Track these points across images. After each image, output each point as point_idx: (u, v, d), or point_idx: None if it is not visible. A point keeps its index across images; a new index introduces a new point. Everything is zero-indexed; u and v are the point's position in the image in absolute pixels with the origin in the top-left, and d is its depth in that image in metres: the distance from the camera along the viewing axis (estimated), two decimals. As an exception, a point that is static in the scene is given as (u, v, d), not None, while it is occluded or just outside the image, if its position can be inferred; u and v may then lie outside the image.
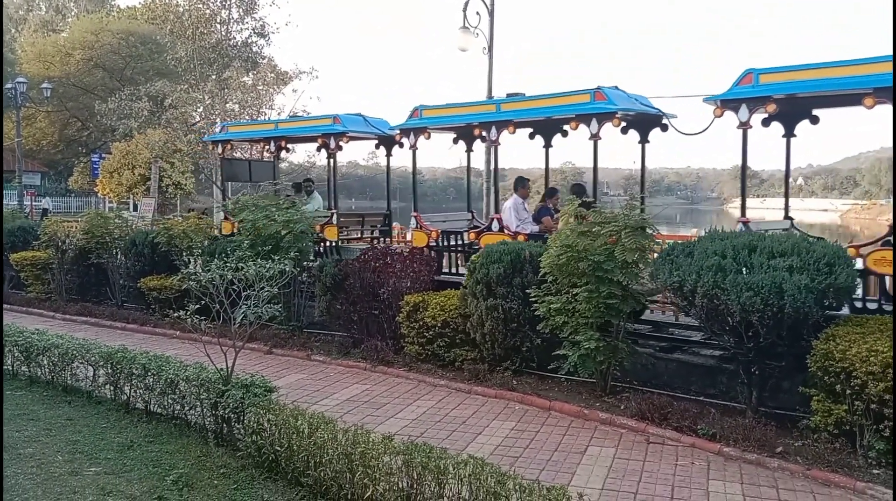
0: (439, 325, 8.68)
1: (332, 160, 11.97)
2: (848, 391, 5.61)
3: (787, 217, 9.43)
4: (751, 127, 7.59)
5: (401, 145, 11.61)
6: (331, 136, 11.51)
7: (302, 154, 27.95)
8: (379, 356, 9.07)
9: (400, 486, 4.57)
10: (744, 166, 8.27)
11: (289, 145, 14.30)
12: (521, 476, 4.29)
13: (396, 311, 9.23)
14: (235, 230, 11.86)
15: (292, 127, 13.19)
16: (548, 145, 11.43)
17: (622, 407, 7.03)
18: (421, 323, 8.85)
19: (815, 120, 8.68)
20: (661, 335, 8.71)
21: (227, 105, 27.64)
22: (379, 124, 12.25)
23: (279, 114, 26.67)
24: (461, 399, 7.64)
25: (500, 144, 10.04)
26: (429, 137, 10.90)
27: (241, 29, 38.48)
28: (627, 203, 7.88)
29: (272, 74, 27.20)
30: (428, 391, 7.95)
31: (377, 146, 13.49)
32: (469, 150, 12.15)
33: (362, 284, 9.65)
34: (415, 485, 4.52)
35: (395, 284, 9.53)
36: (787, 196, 10.53)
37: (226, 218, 13.09)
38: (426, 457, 4.50)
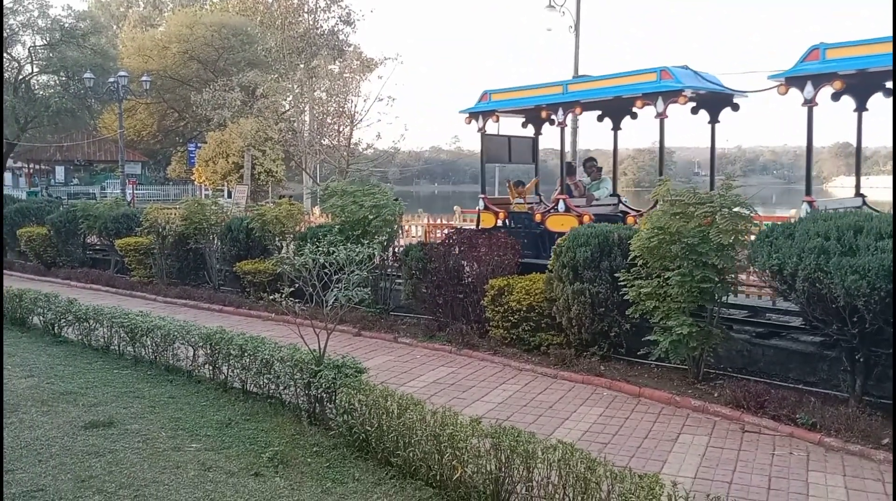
0: (524, 309, 8.64)
1: (662, 129, 9.60)
2: (965, 382, 5.25)
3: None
4: (816, 104, 7.43)
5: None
6: (658, 96, 8.90)
7: (387, 140, 28.31)
8: (464, 340, 9.12)
9: (488, 469, 4.58)
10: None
11: (572, 113, 10.72)
12: (611, 462, 4.23)
13: (481, 295, 9.24)
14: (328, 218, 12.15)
15: (594, 88, 10.00)
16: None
17: (716, 395, 6.82)
18: (506, 307, 8.83)
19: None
20: (758, 320, 8.38)
21: (316, 93, 28.27)
22: (712, 79, 9.58)
23: (365, 100, 27.05)
24: (547, 384, 7.60)
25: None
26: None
27: (328, 17, 39.16)
28: (723, 183, 7.60)
29: (358, 62, 27.57)
30: (513, 375, 7.94)
31: (733, 109, 9.86)
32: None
33: (447, 268, 9.71)
34: (503, 468, 4.52)
35: (480, 268, 9.54)
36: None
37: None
38: (514, 441, 4.50)
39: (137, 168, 46.17)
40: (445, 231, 12.25)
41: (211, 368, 7.43)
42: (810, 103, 7.39)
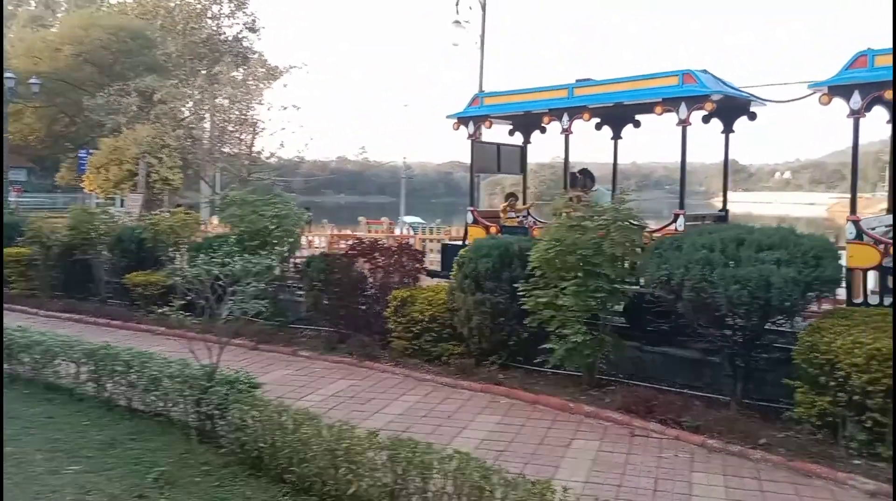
0: (427, 320, 8.66)
1: (684, 138, 8.36)
2: (832, 383, 5.62)
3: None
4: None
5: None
6: (681, 101, 8.14)
7: (291, 149, 27.79)
8: (365, 351, 9.04)
9: (384, 482, 4.54)
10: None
11: (580, 119, 9.28)
12: (505, 469, 4.27)
13: (384, 306, 9.20)
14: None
15: (605, 92, 9.00)
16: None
17: (607, 400, 7.04)
18: (408, 318, 8.82)
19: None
20: (648, 327, 8.71)
21: (217, 100, 27.48)
22: (731, 85, 8.86)
23: (269, 108, 26.54)
24: (447, 394, 7.63)
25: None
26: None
27: (232, 24, 38.14)
28: (617, 197, 7.91)
29: (262, 69, 27.04)
30: (414, 386, 7.93)
31: (750, 118, 9.28)
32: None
33: (350, 279, 9.61)
34: (399, 480, 4.49)
35: (384, 279, 9.51)
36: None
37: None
38: (411, 452, 4.48)
39: (22, 175, 43.50)
40: (349, 242, 12.15)
41: (95, 385, 7.03)
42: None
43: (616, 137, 10.48)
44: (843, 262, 7.15)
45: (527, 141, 11.22)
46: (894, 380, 5.30)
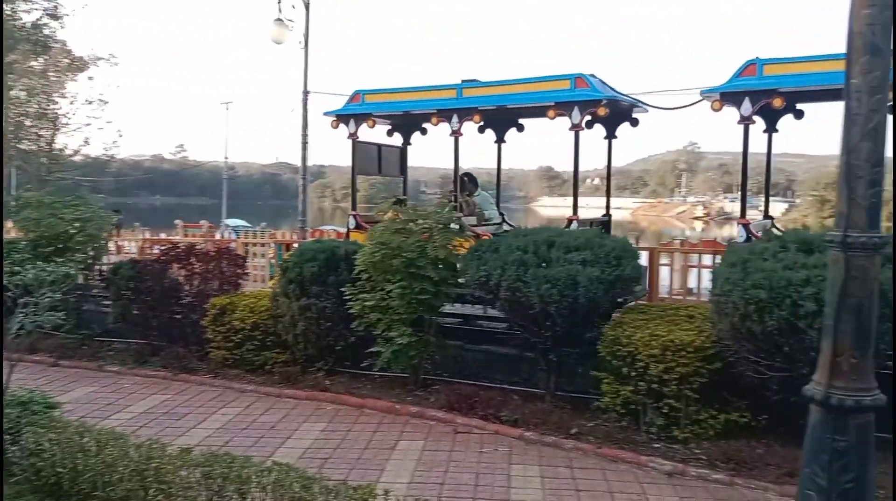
0: (248, 328, 8.36)
1: (577, 142, 8.22)
2: (633, 373, 6.10)
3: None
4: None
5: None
6: (574, 105, 7.97)
7: (98, 146, 25.73)
8: (181, 364, 8.55)
9: (199, 500, 4.30)
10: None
11: (470, 121, 8.89)
12: (328, 477, 4.21)
13: (202, 315, 8.75)
14: None
15: (497, 94, 8.76)
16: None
17: (432, 400, 7.18)
18: (228, 327, 8.46)
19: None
20: (471, 327, 8.99)
21: (13, 92, 24.77)
22: (616, 90, 8.73)
23: (72, 102, 24.38)
24: (270, 404, 7.40)
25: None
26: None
27: (31, 9, 34.56)
28: (439, 201, 8.09)
29: (66, 60, 24.74)
30: (235, 398, 7.61)
31: (632, 124, 9.31)
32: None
33: (162, 287, 9.04)
34: (215, 498, 4.27)
35: (201, 286, 9.04)
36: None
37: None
38: (227, 468, 4.27)
39: None
40: (163, 246, 11.41)
41: None
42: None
43: (499, 140, 10.39)
44: (643, 262, 7.83)
45: (407, 142, 10.82)
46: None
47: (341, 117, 9.47)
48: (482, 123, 9.48)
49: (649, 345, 6.02)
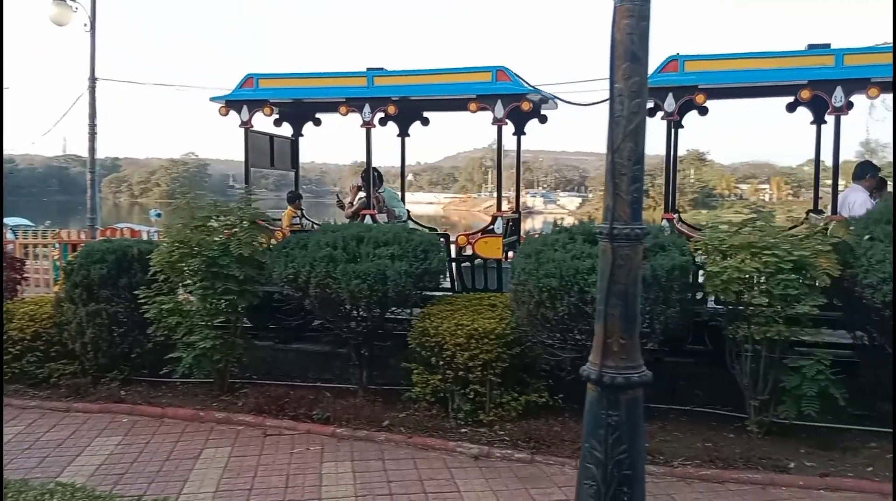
0: (29, 338, 7.58)
1: (500, 136, 7.91)
2: (441, 362, 6.29)
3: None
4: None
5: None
6: (497, 98, 7.58)
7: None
8: (-54, 382, 7.54)
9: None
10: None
11: (383, 112, 8.40)
12: (123, 494, 3.93)
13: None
14: None
15: (412, 84, 8.17)
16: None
17: (240, 404, 6.92)
18: (6, 337, 7.59)
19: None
20: (282, 326, 8.79)
21: None
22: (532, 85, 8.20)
23: None
24: (57, 420, 6.74)
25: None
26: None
27: None
28: (241, 197, 7.81)
29: None
30: (14, 416, 6.84)
31: (541, 121, 9.07)
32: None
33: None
34: (-15, 531, 3.83)
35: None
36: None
37: None
38: (-1, 495, 3.85)
39: None
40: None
41: None
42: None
43: (403, 134, 9.84)
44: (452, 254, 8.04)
45: (298, 133, 9.95)
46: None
47: (232, 104, 8.47)
48: (387, 115, 8.98)
49: (455, 334, 6.23)
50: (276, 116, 9.12)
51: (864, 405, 5.90)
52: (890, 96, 6.80)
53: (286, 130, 9.71)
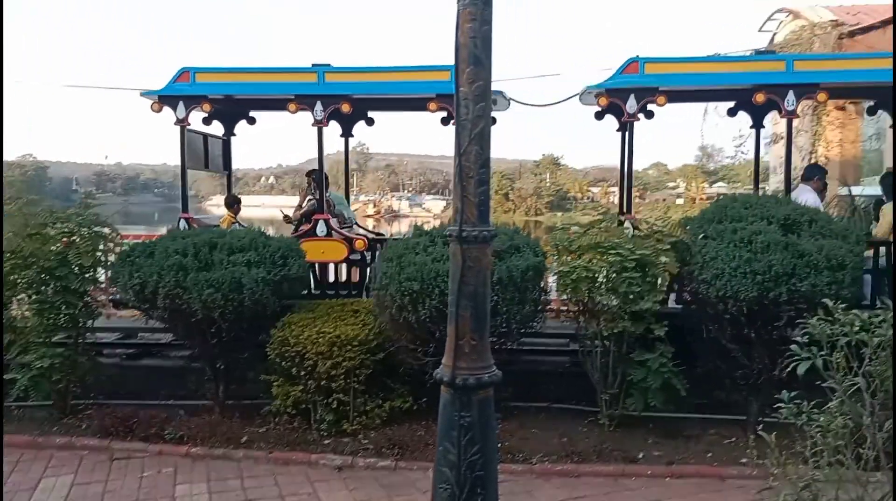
0: None
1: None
2: (302, 373, 6.12)
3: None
4: (189, 124, 7.82)
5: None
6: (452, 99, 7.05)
7: None
8: None
9: None
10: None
11: (337, 109, 7.88)
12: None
13: None
14: None
15: (369, 81, 7.82)
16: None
17: (84, 427, 6.41)
18: None
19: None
20: (131, 341, 8.27)
21: None
22: None
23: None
24: None
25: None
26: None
27: None
28: (82, 202, 7.28)
29: None
30: None
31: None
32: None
33: None
34: None
35: None
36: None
37: None
38: None
39: None
40: None
41: None
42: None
43: (346, 134, 9.40)
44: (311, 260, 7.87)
45: (231, 133, 9.35)
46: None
47: (166, 99, 7.80)
48: (336, 114, 8.37)
49: (317, 343, 6.09)
50: (205, 114, 8.50)
51: (703, 394, 6.35)
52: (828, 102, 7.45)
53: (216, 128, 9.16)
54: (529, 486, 5.22)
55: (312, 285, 8.00)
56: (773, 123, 13.60)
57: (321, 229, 7.80)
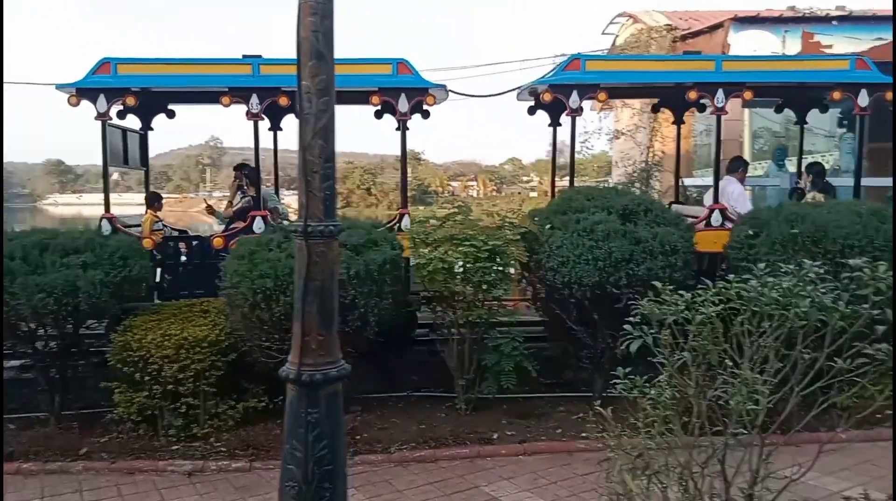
0: None
1: (403, 133, 7.59)
2: (147, 378, 5.81)
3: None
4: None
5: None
6: (401, 92, 7.34)
7: None
8: None
9: None
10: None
11: (274, 102, 7.43)
12: None
13: None
14: None
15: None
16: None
17: None
18: None
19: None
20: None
21: None
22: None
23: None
24: None
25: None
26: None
27: None
28: None
29: None
30: None
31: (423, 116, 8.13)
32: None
33: None
34: None
35: None
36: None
37: None
38: None
39: None
40: None
41: None
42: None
43: (275, 128, 8.88)
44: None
45: (148, 127, 8.90)
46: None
47: (84, 92, 7.10)
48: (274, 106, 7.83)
49: (162, 346, 5.81)
50: (121, 108, 7.91)
51: (552, 374, 6.68)
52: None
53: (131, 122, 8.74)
54: (388, 475, 5.27)
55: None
56: (615, 120, 14.48)
57: (258, 225, 7.48)
